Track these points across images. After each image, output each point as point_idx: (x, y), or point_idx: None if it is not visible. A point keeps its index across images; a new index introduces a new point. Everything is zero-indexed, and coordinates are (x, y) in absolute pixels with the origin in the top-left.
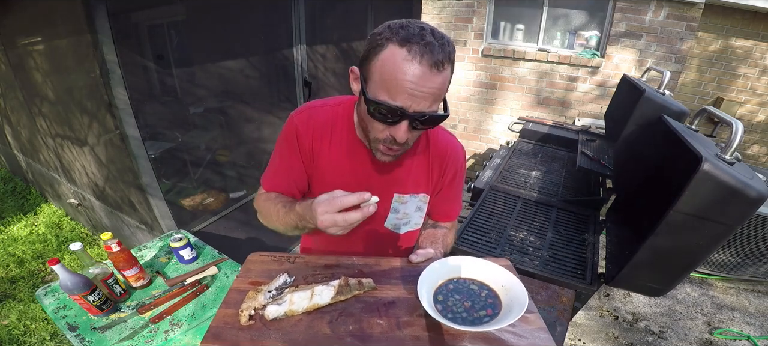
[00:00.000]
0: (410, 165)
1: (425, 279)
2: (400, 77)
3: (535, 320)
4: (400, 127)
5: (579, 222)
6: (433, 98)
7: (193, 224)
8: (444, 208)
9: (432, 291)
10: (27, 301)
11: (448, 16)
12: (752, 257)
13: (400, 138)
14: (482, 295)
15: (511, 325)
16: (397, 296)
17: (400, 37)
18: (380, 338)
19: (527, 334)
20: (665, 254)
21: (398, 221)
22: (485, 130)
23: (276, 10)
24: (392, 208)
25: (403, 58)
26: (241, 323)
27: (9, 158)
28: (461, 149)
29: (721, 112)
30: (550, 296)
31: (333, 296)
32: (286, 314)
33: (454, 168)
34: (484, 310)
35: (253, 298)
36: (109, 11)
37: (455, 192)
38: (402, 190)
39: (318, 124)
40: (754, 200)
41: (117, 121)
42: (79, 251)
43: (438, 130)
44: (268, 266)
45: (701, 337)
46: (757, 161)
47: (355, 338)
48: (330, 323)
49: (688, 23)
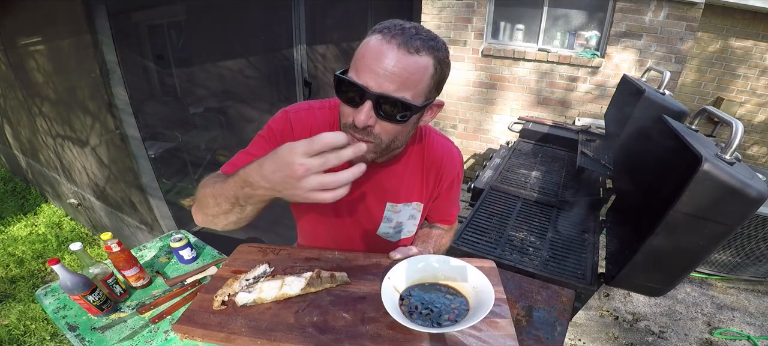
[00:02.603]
0: (403, 173)
1: (393, 277)
2: (367, 55)
3: (505, 327)
4: (362, 109)
5: (579, 222)
6: (401, 82)
7: (193, 224)
8: (442, 212)
9: (402, 287)
10: (27, 301)
11: (448, 16)
12: (752, 257)
13: (359, 121)
14: (449, 297)
15: (478, 330)
16: (369, 292)
17: (382, 27)
18: (340, 331)
19: (493, 340)
20: (665, 254)
21: (391, 229)
22: (485, 130)
23: (276, 10)
24: (385, 217)
25: (376, 40)
26: (213, 307)
27: (9, 158)
28: (458, 155)
29: (721, 112)
30: (550, 296)
31: (303, 287)
32: (255, 301)
33: (452, 175)
34: (448, 314)
35: (230, 285)
36: (109, 11)
37: (453, 197)
38: (395, 199)
39: (315, 124)
40: (754, 200)
41: (117, 121)
42: (79, 251)
43: (433, 136)
44: (253, 256)
45: (701, 337)
46: (757, 161)
47: (315, 329)
48: (296, 313)
49: (688, 23)
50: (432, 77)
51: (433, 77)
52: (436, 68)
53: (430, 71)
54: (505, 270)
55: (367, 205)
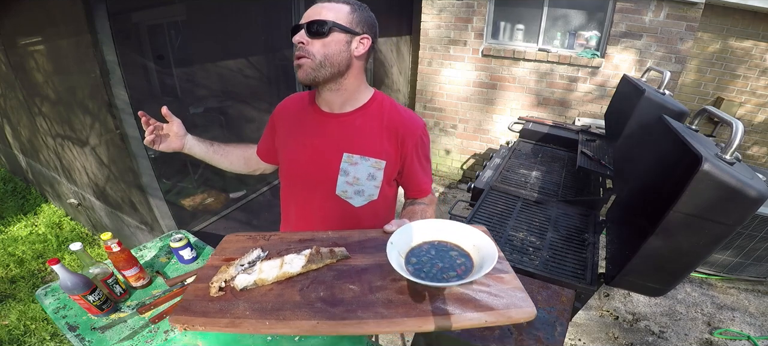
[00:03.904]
0: (359, 126)
1: (396, 241)
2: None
3: (511, 280)
4: (297, 36)
5: (579, 222)
6: (323, 12)
7: (193, 224)
8: (415, 181)
9: (404, 253)
10: (27, 301)
11: (448, 16)
12: (752, 257)
13: (296, 40)
14: (453, 255)
15: (486, 285)
16: (371, 264)
17: None
18: (351, 302)
19: (503, 293)
20: (665, 254)
21: (349, 187)
22: (485, 130)
23: (276, 10)
24: (342, 168)
25: None
26: (211, 294)
27: (9, 158)
28: (419, 122)
29: (721, 112)
30: (550, 296)
31: (304, 264)
32: (255, 283)
33: (413, 139)
34: (455, 270)
35: (225, 271)
36: (109, 11)
37: (423, 165)
38: (351, 150)
39: (291, 101)
40: (754, 200)
41: (117, 121)
42: (79, 251)
43: (395, 104)
44: (243, 244)
45: (701, 337)
46: (757, 161)
47: (325, 303)
48: (300, 291)
49: (688, 23)
50: (350, 13)
51: (352, 14)
52: (352, 9)
53: (347, 9)
54: None
55: (325, 155)
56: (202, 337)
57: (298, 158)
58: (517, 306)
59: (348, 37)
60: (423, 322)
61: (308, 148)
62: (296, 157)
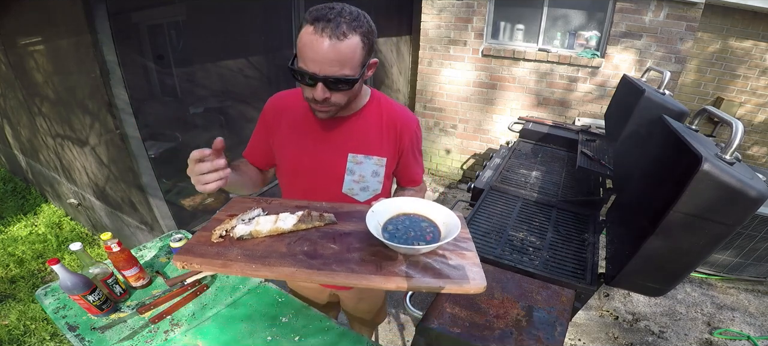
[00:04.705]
0: (362, 128)
1: (377, 209)
2: (308, 50)
3: (472, 257)
4: (317, 89)
5: (579, 222)
6: (339, 63)
7: (193, 224)
8: (409, 172)
9: (382, 222)
10: (27, 301)
11: (448, 16)
12: (752, 257)
13: (318, 96)
14: (424, 226)
15: (448, 259)
16: (353, 229)
17: (312, 16)
18: (329, 257)
19: (461, 267)
20: (665, 254)
21: (355, 185)
22: (485, 130)
23: (276, 10)
24: (348, 168)
25: (309, 33)
26: (212, 240)
27: (9, 158)
28: (414, 117)
29: (721, 112)
30: (550, 296)
31: (295, 223)
32: (251, 234)
33: (409, 134)
34: (424, 239)
35: (227, 222)
36: (109, 11)
37: (417, 158)
38: (355, 150)
39: (284, 99)
40: (754, 200)
41: (117, 121)
42: (79, 251)
43: (389, 101)
44: (247, 205)
45: (701, 337)
46: (757, 161)
47: (306, 256)
48: (288, 245)
49: (688, 23)
50: (363, 49)
51: (364, 49)
52: (364, 42)
53: (359, 46)
54: (505, 270)
55: (330, 157)
56: (202, 337)
57: (302, 159)
58: (471, 279)
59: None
60: (387, 280)
61: (312, 150)
62: (299, 157)
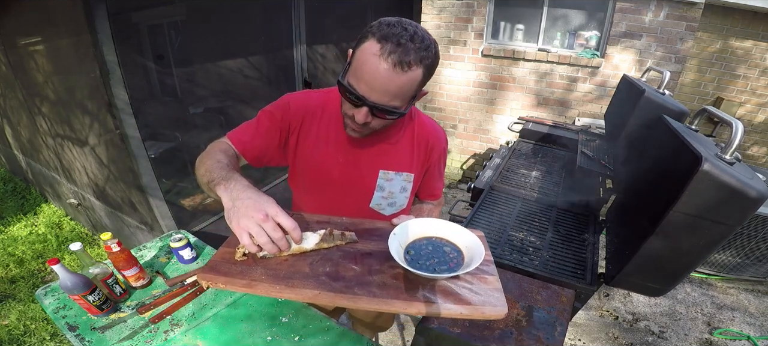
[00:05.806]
0: (395, 144)
1: (398, 232)
2: (366, 69)
3: (493, 282)
4: (360, 111)
5: (579, 222)
6: (393, 95)
7: (193, 224)
8: (430, 187)
9: (404, 244)
10: (27, 301)
11: (448, 16)
12: (752, 257)
13: (359, 119)
14: (446, 251)
15: (470, 283)
16: (375, 250)
17: (381, 33)
18: (351, 280)
19: (482, 292)
20: (665, 254)
21: (383, 201)
22: (485, 130)
23: (276, 10)
24: (378, 185)
25: (374, 52)
26: (236, 258)
27: (9, 158)
28: (443, 133)
29: (721, 112)
30: (550, 296)
31: (317, 242)
32: (274, 254)
33: (439, 150)
34: (447, 265)
35: None
36: (109, 11)
37: (440, 172)
38: (387, 167)
39: (310, 105)
40: (754, 200)
41: (117, 121)
42: (79, 251)
43: (422, 116)
44: None
45: (701, 337)
46: (757, 161)
47: (328, 277)
48: (310, 264)
49: (688, 23)
50: (420, 84)
51: (421, 82)
52: (424, 75)
53: (418, 80)
54: (505, 270)
55: (361, 172)
56: (202, 337)
57: (331, 173)
58: (491, 305)
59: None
60: (408, 305)
61: (343, 164)
62: (329, 171)
